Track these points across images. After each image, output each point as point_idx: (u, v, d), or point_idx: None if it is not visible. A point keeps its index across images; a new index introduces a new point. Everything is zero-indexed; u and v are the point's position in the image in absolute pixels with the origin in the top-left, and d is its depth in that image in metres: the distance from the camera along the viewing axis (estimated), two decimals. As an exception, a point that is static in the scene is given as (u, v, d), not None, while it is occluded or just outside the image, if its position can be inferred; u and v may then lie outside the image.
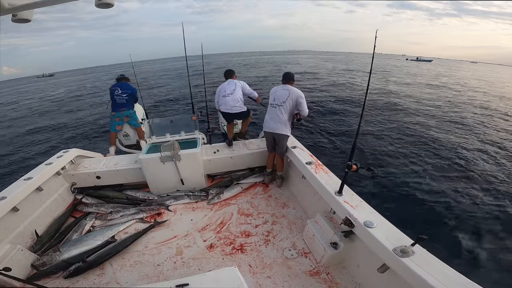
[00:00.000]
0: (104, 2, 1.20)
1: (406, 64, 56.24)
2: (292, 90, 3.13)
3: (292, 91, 3.13)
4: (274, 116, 3.19)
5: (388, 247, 1.63)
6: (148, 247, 2.56)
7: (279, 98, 3.17)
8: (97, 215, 3.01)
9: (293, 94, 3.12)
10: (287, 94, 3.12)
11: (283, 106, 3.13)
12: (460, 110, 11.73)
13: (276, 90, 3.26)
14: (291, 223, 2.84)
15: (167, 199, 3.24)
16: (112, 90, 4.59)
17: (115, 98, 4.58)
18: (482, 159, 6.35)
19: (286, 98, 3.11)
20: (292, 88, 3.15)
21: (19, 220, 2.58)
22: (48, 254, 2.40)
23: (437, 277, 1.38)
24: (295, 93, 3.13)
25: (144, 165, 3.20)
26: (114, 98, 4.59)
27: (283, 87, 3.22)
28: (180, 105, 12.45)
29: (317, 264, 2.29)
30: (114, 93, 4.57)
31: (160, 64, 64.56)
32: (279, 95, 3.19)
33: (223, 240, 2.62)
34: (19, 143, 8.65)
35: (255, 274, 2.22)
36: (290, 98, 3.11)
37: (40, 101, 19.29)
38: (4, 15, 1.20)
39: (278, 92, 3.22)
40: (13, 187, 2.61)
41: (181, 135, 3.69)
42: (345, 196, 2.20)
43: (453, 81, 25.15)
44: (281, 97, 3.15)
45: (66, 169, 3.35)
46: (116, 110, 4.60)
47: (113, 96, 4.58)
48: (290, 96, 3.11)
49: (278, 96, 3.19)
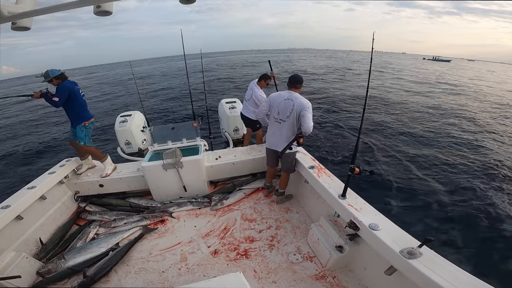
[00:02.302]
0: (102, 10, 1.21)
1: (427, 66, 48.65)
2: (297, 100, 2.69)
3: (297, 101, 2.69)
4: (277, 132, 2.88)
5: (395, 249, 1.62)
6: (153, 254, 2.55)
7: (283, 111, 2.76)
8: (101, 223, 3.01)
9: (297, 105, 2.68)
10: (291, 107, 2.70)
11: (288, 121, 2.75)
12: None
13: (279, 100, 2.81)
14: (295, 227, 2.83)
15: (170, 206, 3.24)
16: (77, 89, 3.26)
17: (84, 99, 3.38)
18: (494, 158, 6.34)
19: (290, 111, 2.71)
20: (296, 97, 2.72)
21: (24, 228, 2.58)
22: (53, 261, 2.39)
23: (447, 278, 1.37)
24: (299, 104, 2.68)
25: (146, 173, 3.20)
26: (83, 99, 3.37)
27: (287, 97, 2.77)
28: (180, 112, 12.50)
29: (322, 268, 2.28)
30: (80, 92, 3.33)
31: (159, 64, 63.91)
32: (283, 107, 2.77)
33: (227, 246, 2.61)
34: (19, 149, 8.65)
35: (260, 279, 2.21)
36: (294, 112, 2.69)
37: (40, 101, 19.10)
38: (4, 23, 1.21)
39: (282, 104, 2.78)
40: (17, 195, 2.62)
41: (182, 142, 3.70)
42: (349, 199, 2.19)
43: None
44: (285, 110, 2.74)
45: (69, 177, 3.36)
46: (92, 115, 3.49)
47: (82, 95, 3.34)
48: (294, 108, 2.69)
49: (282, 109, 2.78)
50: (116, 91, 20.43)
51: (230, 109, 5.19)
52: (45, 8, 1.26)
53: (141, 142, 5.11)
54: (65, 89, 3.09)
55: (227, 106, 5.29)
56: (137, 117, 5.22)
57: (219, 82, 19.60)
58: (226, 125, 5.30)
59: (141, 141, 5.10)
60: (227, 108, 5.26)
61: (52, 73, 3.07)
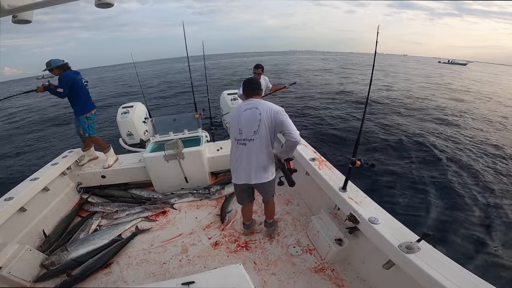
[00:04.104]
0: (104, 2, 1.19)
1: (445, 70, 42.89)
2: (263, 106, 1.98)
3: (264, 107, 1.97)
4: (244, 158, 2.06)
5: (394, 243, 1.62)
6: (154, 245, 2.59)
7: (247, 126, 2.00)
8: (103, 214, 3.05)
9: (267, 112, 1.96)
10: (257, 116, 1.96)
11: (258, 139, 1.99)
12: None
13: (239, 113, 2.05)
14: (295, 219, 2.84)
15: (171, 197, 3.26)
16: (79, 79, 3.16)
17: (87, 90, 3.30)
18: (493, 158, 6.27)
19: (259, 124, 1.96)
20: (262, 103, 2.01)
21: (27, 220, 2.62)
22: (56, 253, 2.43)
23: (444, 273, 1.37)
24: (269, 111, 1.96)
25: (148, 164, 3.21)
26: (86, 89, 3.28)
27: (247, 106, 2.03)
28: (182, 103, 12.47)
29: (322, 260, 2.29)
30: (83, 82, 3.24)
31: (161, 65, 63.35)
32: (245, 121, 2.00)
33: (227, 238, 2.64)
34: (23, 143, 8.74)
35: (260, 271, 2.23)
36: (265, 122, 1.96)
37: (41, 100, 19.15)
38: (4, 16, 1.20)
39: (243, 117, 2.02)
40: (19, 187, 2.64)
41: (184, 133, 3.69)
42: (349, 192, 2.18)
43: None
44: (251, 123, 1.98)
45: (72, 169, 3.38)
46: (94, 106, 3.42)
47: (84, 85, 3.24)
48: (263, 118, 1.95)
49: (245, 124, 2.01)
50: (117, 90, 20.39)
51: (232, 101, 5.15)
52: (45, 1, 1.23)
53: (143, 133, 5.11)
54: (67, 78, 3.04)
55: (229, 97, 5.24)
56: (138, 108, 5.21)
57: (220, 78, 19.45)
58: (228, 116, 5.27)
59: (143, 132, 5.10)
60: (228, 99, 5.21)
61: (54, 62, 3.03)
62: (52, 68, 3.02)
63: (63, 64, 3.09)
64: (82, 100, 3.22)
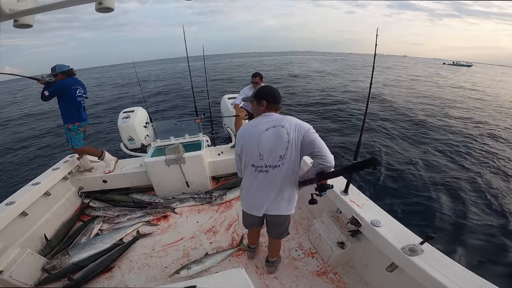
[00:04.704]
0: (104, 6, 1.20)
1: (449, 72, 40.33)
2: (291, 124, 1.56)
3: (292, 126, 1.56)
4: (265, 189, 1.68)
5: (397, 246, 1.62)
6: (155, 249, 2.58)
7: (271, 150, 1.57)
8: (104, 219, 3.05)
9: (297, 132, 1.55)
10: (285, 139, 1.54)
11: (285, 166, 1.60)
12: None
13: (258, 133, 1.59)
14: (297, 223, 2.83)
15: (172, 201, 3.26)
16: (72, 89, 3.10)
17: (79, 101, 3.20)
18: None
19: (286, 147, 1.55)
20: (288, 120, 1.58)
21: (28, 225, 2.62)
22: (57, 257, 2.42)
23: (448, 275, 1.36)
24: (298, 129, 1.55)
25: (149, 169, 3.22)
26: (78, 101, 3.17)
27: (269, 123, 1.59)
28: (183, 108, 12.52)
29: (324, 264, 2.28)
30: (76, 93, 3.13)
31: (161, 65, 63.42)
32: (268, 143, 1.57)
33: (229, 242, 2.62)
34: (23, 148, 8.73)
35: (262, 275, 2.22)
36: (294, 144, 1.55)
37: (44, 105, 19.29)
38: (5, 20, 1.20)
39: (265, 138, 1.57)
40: (21, 192, 2.64)
41: (185, 138, 3.70)
42: (351, 195, 2.18)
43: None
44: (275, 147, 1.56)
45: (73, 173, 3.38)
46: (86, 117, 3.33)
47: (76, 97, 3.14)
48: (292, 139, 1.54)
49: (268, 147, 1.57)
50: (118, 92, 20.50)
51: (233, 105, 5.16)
52: (47, 5, 1.24)
53: (144, 138, 5.11)
54: (59, 87, 3.01)
55: (229, 102, 5.26)
56: (139, 113, 5.22)
57: (220, 82, 19.55)
58: (228, 121, 5.28)
59: (144, 137, 5.10)
60: (229, 103, 5.23)
61: (59, 68, 3.04)
62: (57, 73, 3.04)
63: (68, 70, 3.10)
64: (68, 110, 3.15)
